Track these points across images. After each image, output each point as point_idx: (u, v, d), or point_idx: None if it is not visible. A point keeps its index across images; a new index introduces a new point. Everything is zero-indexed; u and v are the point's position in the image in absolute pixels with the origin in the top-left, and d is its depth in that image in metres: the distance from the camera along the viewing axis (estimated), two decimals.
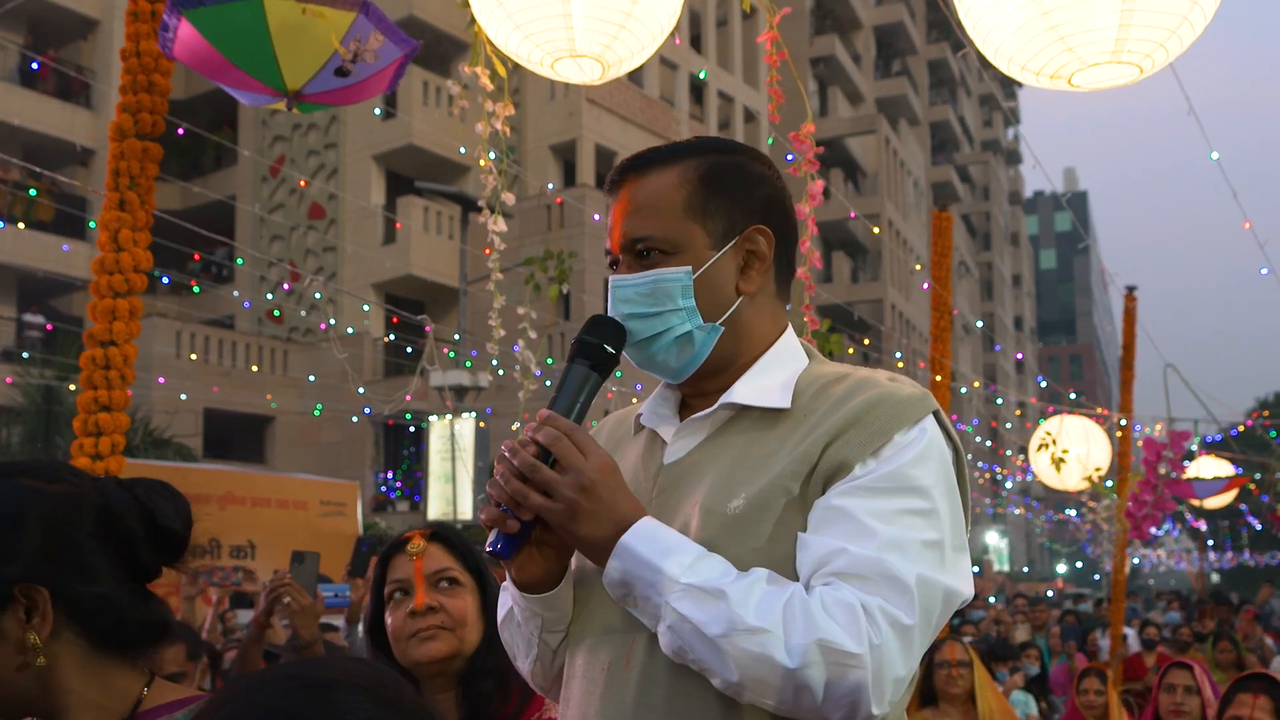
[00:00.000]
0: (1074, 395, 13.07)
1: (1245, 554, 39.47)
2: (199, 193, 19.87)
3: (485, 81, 3.35)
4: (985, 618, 12.65)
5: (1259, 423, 16.26)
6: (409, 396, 8.63)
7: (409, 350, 16.90)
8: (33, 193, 19.73)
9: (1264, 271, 8.55)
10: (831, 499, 1.36)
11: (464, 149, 7.81)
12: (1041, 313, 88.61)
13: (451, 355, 14.67)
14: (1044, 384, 19.05)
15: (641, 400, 1.65)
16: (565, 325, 20.35)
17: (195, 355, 21.44)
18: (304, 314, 23.21)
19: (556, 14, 2.95)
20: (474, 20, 3.15)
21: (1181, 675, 4.46)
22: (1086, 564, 56.22)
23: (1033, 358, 67.05)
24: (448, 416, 15.63)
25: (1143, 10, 2.37)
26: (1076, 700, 5.81)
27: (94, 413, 3.47)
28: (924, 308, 37.29)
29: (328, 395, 20.00)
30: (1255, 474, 14.27)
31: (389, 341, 19.30)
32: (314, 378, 19.19)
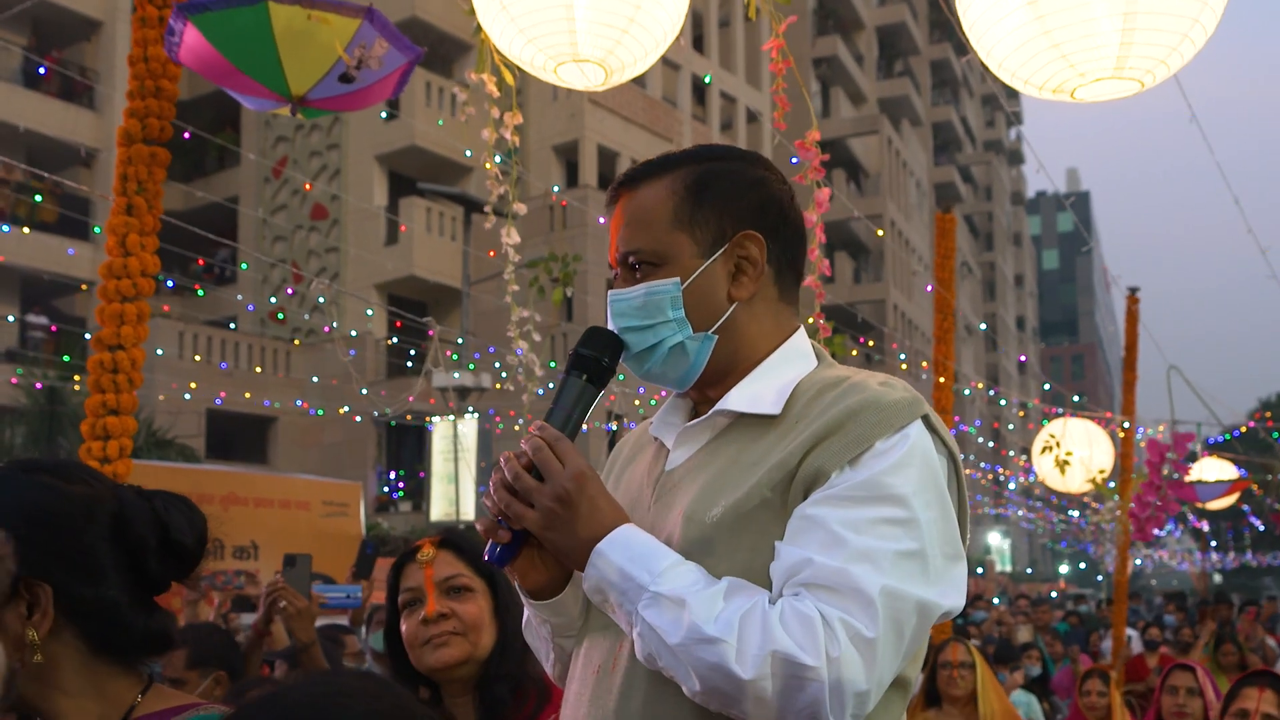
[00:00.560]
0: (1076, 398, 13.05)
1: (1248, 554, 39.40)
2: (202, 194, 19.86)
3: (492, 88, 3.36)
4: (987, 619, 12.65)
5: (1261, 424, 16.23)
6: (411, 398, 8.65)
7: (412, 351, 16.91)
8: (37, 196, 19.74)
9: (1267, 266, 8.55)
10: (806, 508, 1.35)
11: (469, 152, 7.82)
12: (1044, 313, 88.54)
13: (455, 357, 14.68)
14: (1048, 387, 19.06)
15: (647, 402, 1.67)
16: (568, 327, 20.35)
17: (198, 356, 21.46)
18: (307, 315, 23.22)
19: (560, 18, 2.96)
20: (480, 27, 3.16)
21: (1184, 677, 4.47)
22: (1089, 565, 56.15)
23: (1035, 358, 66.99)
24: (450, 417, 15.64)
25: (1145, 27, 2.35)
26: (1079, 701, 5.81)
27: (102, 416, 3.49)
28: (926, 308, 37.28)
29: (330, 396, 20.00)
30: (1259, 475, 14.26)
31: (391, 343, 19.31)
32: (316, 379, 19.20)
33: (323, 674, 0.94)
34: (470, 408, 15.60)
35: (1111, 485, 10.94)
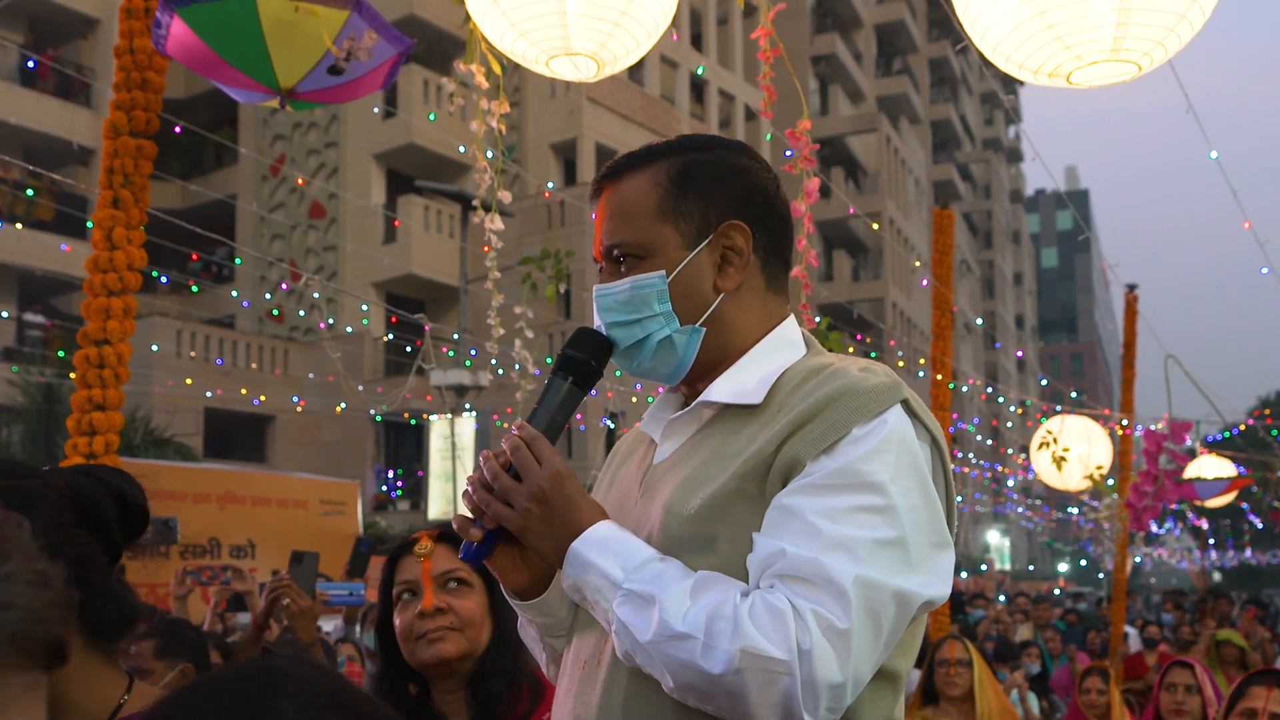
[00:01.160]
0: (1075, 394, 13.03)
1: (1247, 552, 39.45)
2: (199, 192, 19.85)
3: (481, 79, 3.33)
4: (985, 617, 12.58)
5: (1260, 421, 16.23)
6: (408, 395, 8.63)
7: (408, 349, 16.89)
8: (31, 193, 19.72)
9: (1264, 271, 8.53)
10: (783, 498, 1.32)
11: (463, 148, 7.79)
12: (1043, 311, 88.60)
13: (451, 355, 14.65)
14: (1045, 383, 19.08)
15: (645, 399, 1.65)
16: (564, 324, 20.34)
17: (195, 354, 21.43)
18: (304, 313, 23.20)
19: (551, 11, 2.94)
20: (469, 18, 3.13)
21: (1182, 674, 4.44)
22: (1089, 563, 56.20)
23: (1034, 356, 67.02)
24: (448, 415, 15.62)
25: (1140, 9, 2.35)
26: (1079, 699, 5.79)
27: (88, 412, 3.45)
28: (925, 306, 37.28)
29: (328, 394, 19.99)
30: (1258, 473, 14.24)
31: (389, 341, 19.30)
32: (313, 376, 19.18)
33: (259, 658, 0.92)
34: (468, 406, 15.58)
35: (1110, 483, 10.93)
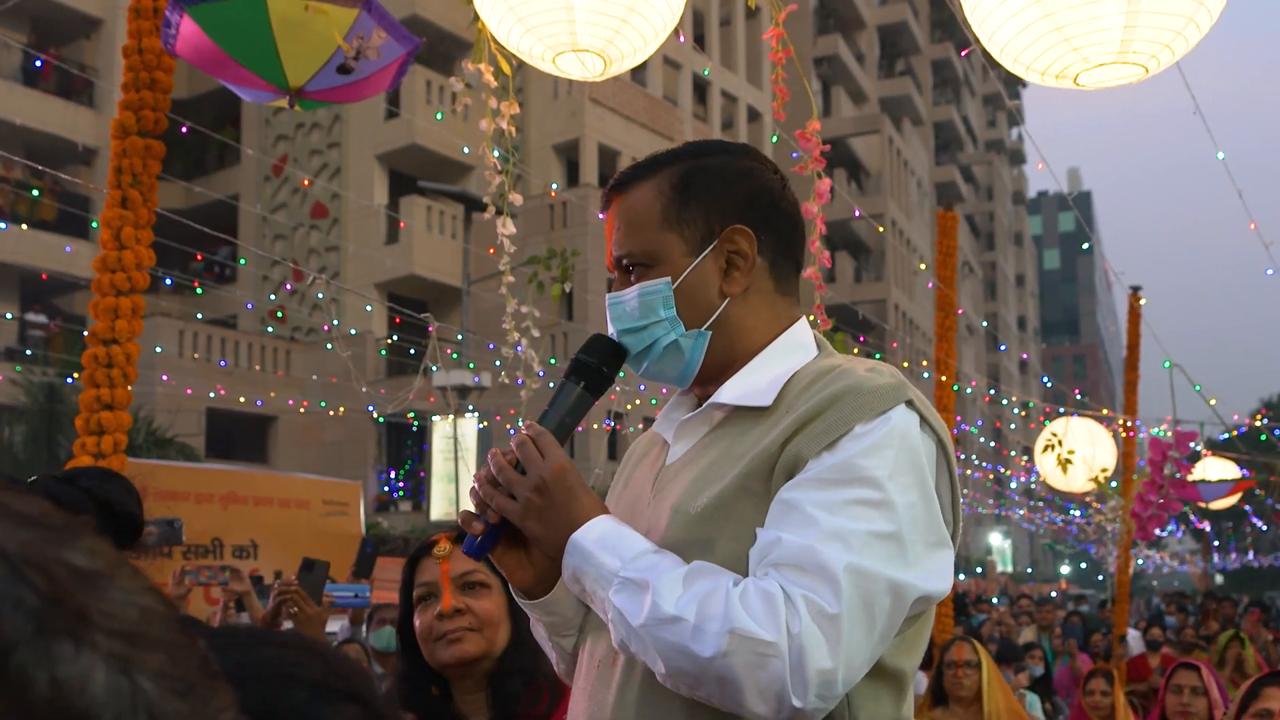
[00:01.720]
0: (1078, 396, 13.01)
1: (1250, 555, 39.38)
2: (202, 192, 19.84)
3: (489, 79, 3.32)
4: (987, 620, 12.57)
5: (1263, 423, 16.19)
6: (412, 396, 8.62)
7: (411, 350, 16.89)
8: (35, 192, 19.73)
9: (1269, 272, 8.52)
10: (784, 493, 1.34)
11: (468, 149, 7.78)
12: (1045, 313, 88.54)
13: (455, 356, 14.65)
14: (1049, 384, 19.08)
15: (648, 401, 1.67)
16: (568, 325, 20.33)
17: (198, 354, 21.43)
18: (307, 314, 23.20)
19: (559, 8, 2.94)
20: (478, 17, 3.13)
21: (1189, 676, 4.44)
22: (1090, 565, 56.14)
23: (1036, 358, 66.96)
24: (450, 416, 15.62)
25: (1148, 11, 2.35)
26: (1083, 701, 5.78)
27: (96, 411, 3.45)
28: (927, 307, 37.27)
29: (330, 395, 19.98)
30: (1261, 475, 14.22)
31: (391, 341, 19.30)
32: (316, 377, 19.18)
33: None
34: (470, 406, 15.57)
35: (1114, 485, 10.92)
